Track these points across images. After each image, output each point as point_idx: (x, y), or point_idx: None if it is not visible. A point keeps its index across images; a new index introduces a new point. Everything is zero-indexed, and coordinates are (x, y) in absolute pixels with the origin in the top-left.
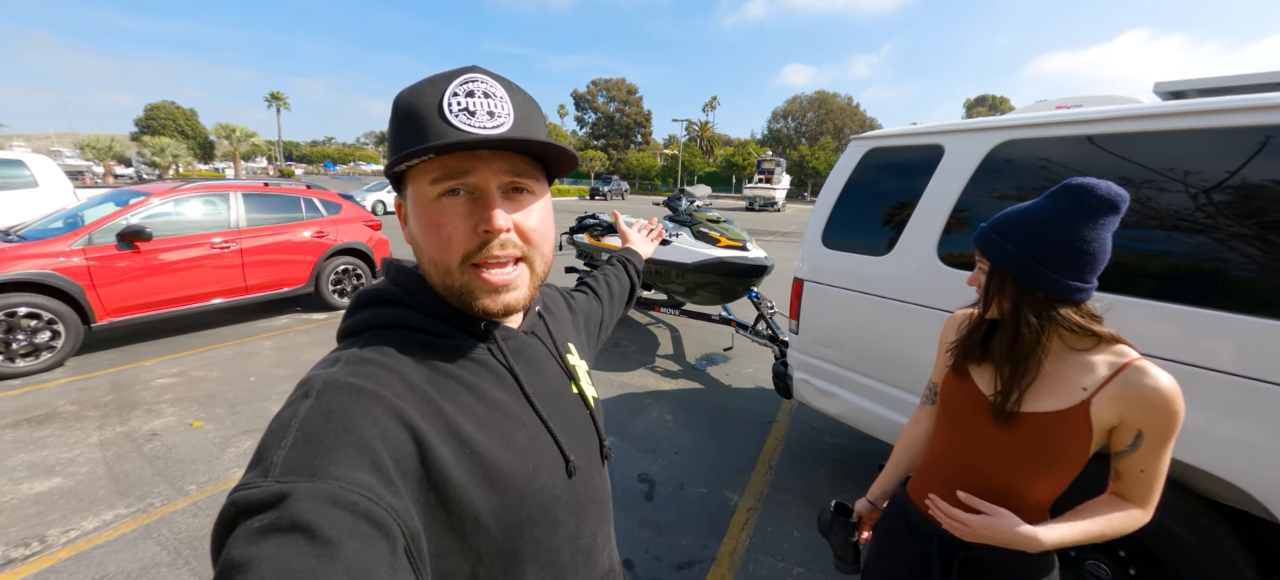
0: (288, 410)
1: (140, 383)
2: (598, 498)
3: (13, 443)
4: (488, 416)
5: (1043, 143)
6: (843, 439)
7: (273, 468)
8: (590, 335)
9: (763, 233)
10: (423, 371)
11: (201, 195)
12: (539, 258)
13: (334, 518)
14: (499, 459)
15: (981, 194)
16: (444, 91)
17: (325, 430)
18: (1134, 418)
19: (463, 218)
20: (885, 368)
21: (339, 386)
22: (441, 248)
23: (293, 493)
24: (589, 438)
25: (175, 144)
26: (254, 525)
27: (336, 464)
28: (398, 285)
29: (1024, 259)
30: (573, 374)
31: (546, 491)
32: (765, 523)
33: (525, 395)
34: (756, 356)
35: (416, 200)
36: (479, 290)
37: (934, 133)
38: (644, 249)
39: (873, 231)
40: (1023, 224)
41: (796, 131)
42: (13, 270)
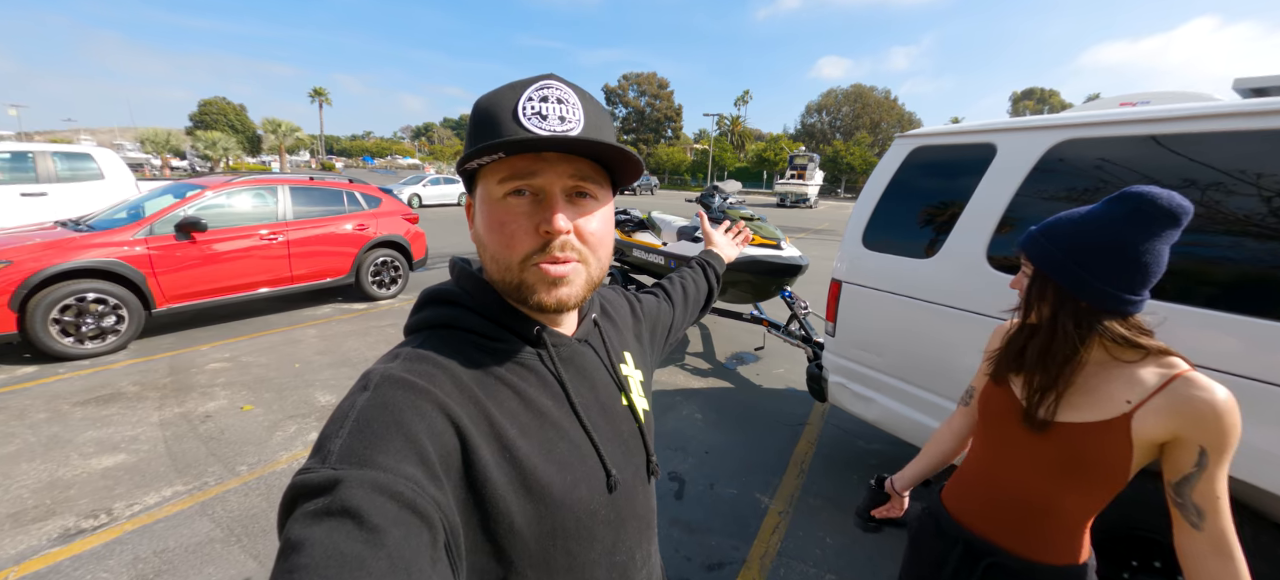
0: (348, 401)
1: (196, 366)
2: (639, 514)
3: (82, 420)
4: (531, 423)
5: (1105, 143)
6: (877, 444)
7: (330, 455)
8: (656, 340)
9: (794, 229)
10: (472, 372)
11: (252, 188)
12: (595, 261)
13: (381, 506)
14: (537, 467)
15: (1036, 196)
16: (520, 96)
17: (378, 422)
18: (1193, 434)
19: (526, 217)
20: (927, 374)
21: (394, 381)
22: (504, 246)
23: (345, 479)
24: (636, 452)
25: (226, 138)
26: (310, 508)
27: (386, 455)
28: (459, 286)
29: (1069, 265)
30: (624, 385)
31: (583, 504)
32: (797, 527)
33: (571, 404)
34: (788, 357)
35: (484, 199)
36: (536, 283)
37: (986, 131)
38: (728, 252)
39: (917, 233)
40: (1073, 230)
41: (831, 126)
42: (82, 258)
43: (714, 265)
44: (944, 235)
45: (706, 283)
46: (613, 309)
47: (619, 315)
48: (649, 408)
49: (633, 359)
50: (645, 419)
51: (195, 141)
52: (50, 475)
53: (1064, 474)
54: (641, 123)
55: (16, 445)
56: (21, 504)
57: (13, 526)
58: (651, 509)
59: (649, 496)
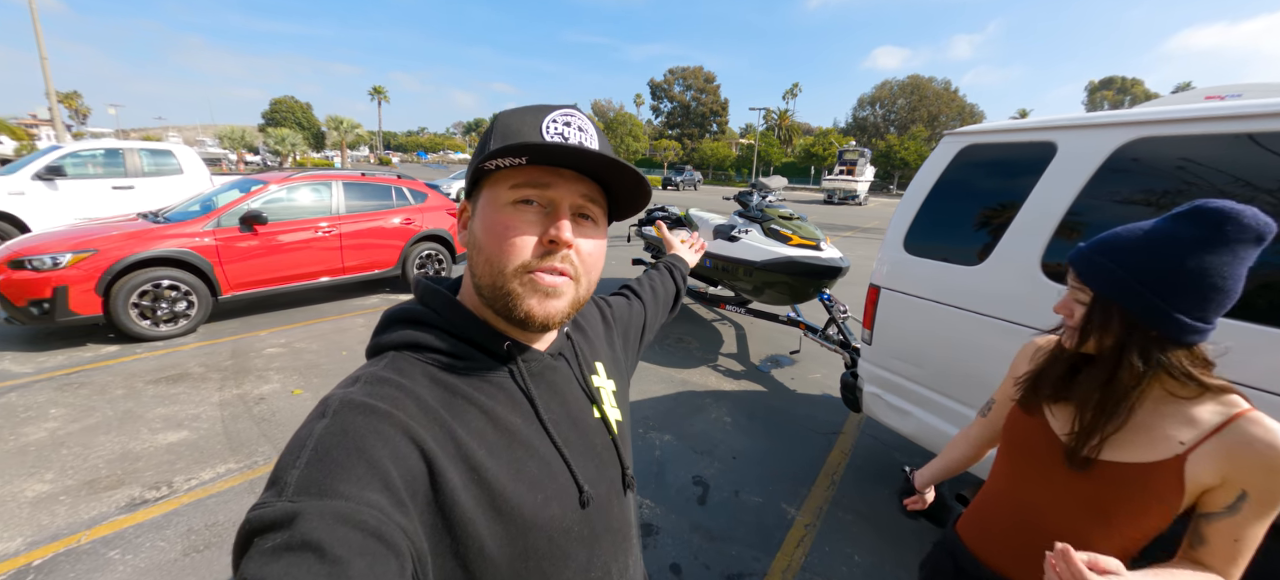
0: (304, 429)
1: (254, 351)
2: (614, 528)
3: (153, 397)
4: (500, 442)
5: (1186, 141)
6: (916, 458)
7: (287, 487)
8: (629, 343)
9: (841, 228)
10: (438, 393)
11: (309, 183)
12: (585, 282)
13: (343, 536)
14: (506, 487)
15: (1101, 199)
16: (545, 117)
17: (338, 450)
18: (1240, 477)
19: (532, 227)
20: (969, 389)
21: (354, 406)
22: (506, 251)
23: (303, 512)
24: (610, 465)
25: (293, 134)
26: (268, 544)
27: (348, 483)
28: (425, 305)
29: (1140, 289)
30: (596, 397)
31: (555, 523)
32: (823, 541)
33: (541, 421)
34: (825, 361)
35: (490, 202)
36: (528, 293)
37: (1045, 128)
38: (688, 258)
39: (964, 237)
40: (1140, 248)
41: (885, 119)
42: (158, 248)
43: (680, 267)
44: (994, 241)
45: (673, 284)
46: (584, 319)
47: (590, 325)
48: (623, 418)
49: (605, 369)
50: (619, 430)
51: (266, 138)
52: (122, 447)
53: (1103, 515)
54: (686, 117)
55: (97, 418)
56: (97, 473)
57: (88, 493)
58: (628, 522)
59: (625, 509)
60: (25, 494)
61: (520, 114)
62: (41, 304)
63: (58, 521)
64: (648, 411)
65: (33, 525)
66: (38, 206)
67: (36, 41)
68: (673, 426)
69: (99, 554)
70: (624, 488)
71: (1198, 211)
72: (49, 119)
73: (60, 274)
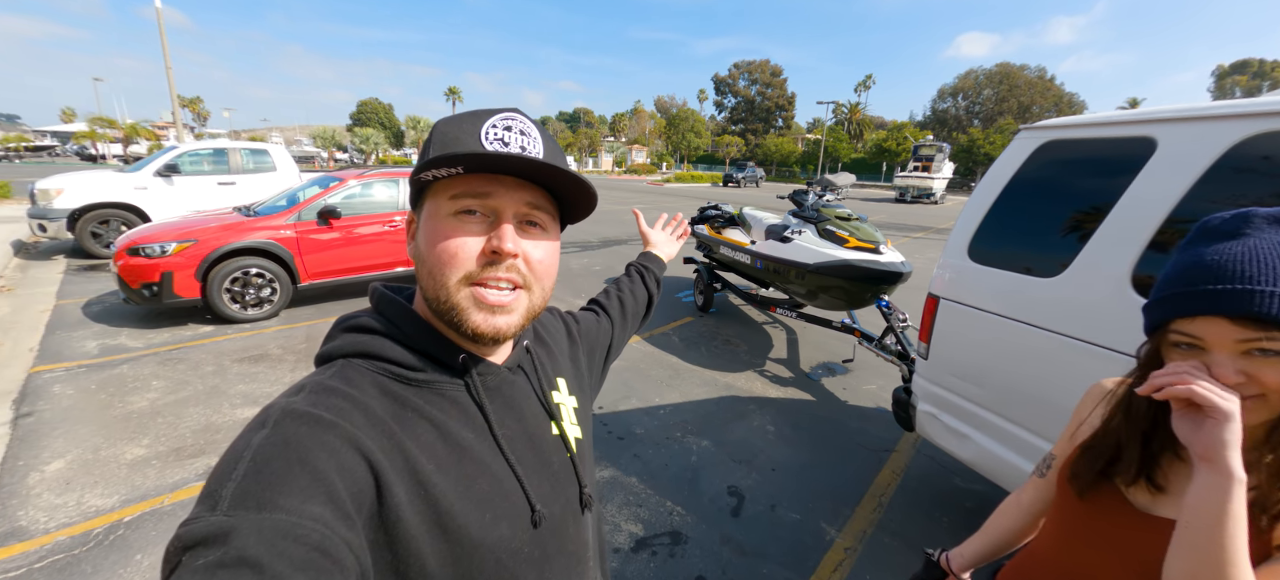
0: (241, 440)
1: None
2: (569, 550)
3: (236, 374)
4: (449, 458)
5: None
6: (978, 485)
7: (221, 501)
8: (594, 361)
9: (911, 228)
10: (388, 404)
11: (381, 180)
12: (538, 290)
13: (284, 551)
14: (453, 506)
15: (1212, 202)
16: (484, 123)
17: (278, 461)
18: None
19: (474, 237)
20: (1038, 416)
21: (297, 416)
22: (446, 262)
23: (238, 528)
24: (567, 484)
25: (376, 134)
26: (199, 562)
27: (288, 496)
28: (379, 313)
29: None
30: (555, 414)
31: (503, 544)
32: (863, 568)
33: (494, 437)
34: (881, 372)
35: (431, 214)
36: (472, 308)
37: (1142, 121)
38: (667, 250)
39: (1040, 245)
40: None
41: (968, 112)
42: (248, 238)
43: (653, 269)
44: (1074, 251)
45: (645, 290)
46: (546, 333)
47: (553, 339)
48: (583, 436)
49: (567, 385)
50: (578, 448)
51: (353, 137)
52: (206, 419)
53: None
54: (751, 112)
55: (188, 391)
56: (183, 441)
57: (175, 459)
58: (585, 542)
59: (583, 529)
60: (125, 456)
61: (458, 122)
62: (151, 287)
63: (148, 483)
64: (686, 415)
65: (128, 485)
66: (157, 200)
67: (163, 52)
68: (711, 432)
69: (177, 516)
70: (582, 507)
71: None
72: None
73: (167, 261)
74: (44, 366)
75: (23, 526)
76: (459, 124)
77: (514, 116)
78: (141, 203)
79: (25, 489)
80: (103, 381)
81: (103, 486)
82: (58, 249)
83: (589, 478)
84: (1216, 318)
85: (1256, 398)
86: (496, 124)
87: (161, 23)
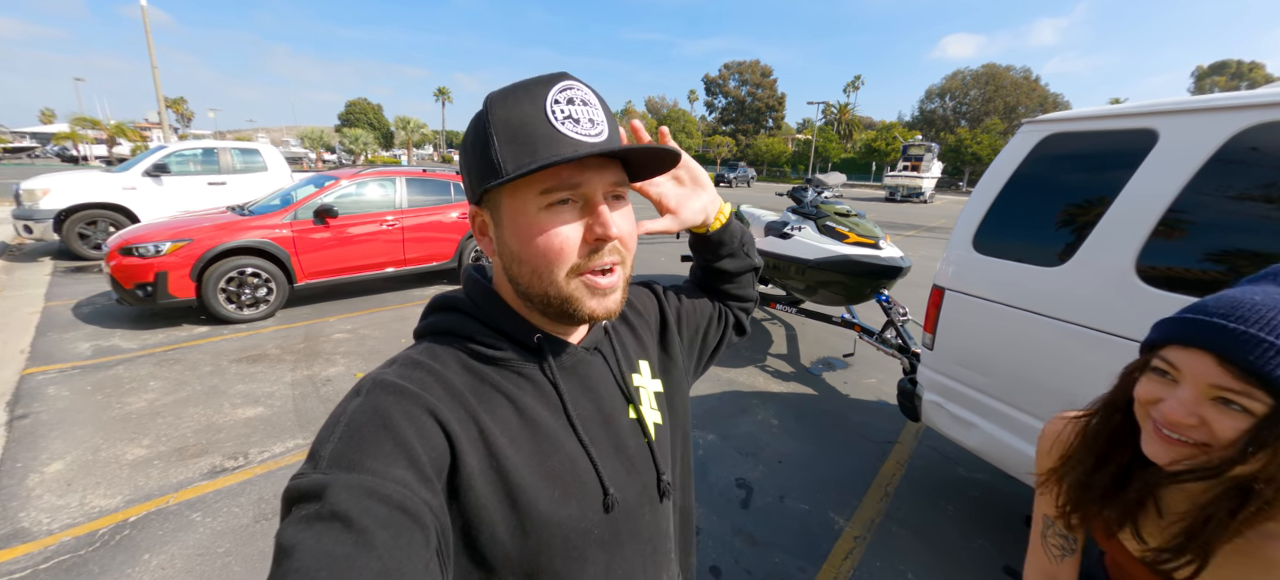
0: (340, 408)
1: (324, 335)
2: (644, 537)
3: (235, 375)
4: (524, 433)
5: None
6: (980, 473)
7: (321, 461)
8: (692, 334)
9: (903, 227)
10: (468, 379)
11: (376, 179)
12: (630, 260)
13: (368, 508)
14: (524, 479)
15: (1210, 194)
16: (545, 100)
17: (367, 427)
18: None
19: (572, 226)
20: (1046, 403)
21: (385, 387)
22: (553, 258)
23: (332, 484)
24: (643, 469)
25: (365, 134)
26: (301, 513)
27: (375, 459)
28: (467, 295)
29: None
30: (633, 397)
31: (571, 523)
32: (874, 556)
33: (568, 417)
34: (881, 366)
35: (518, 211)
36: (586, 296)
37: (1144, 113)
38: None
39: (1043, 236)
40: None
41: (955, 112)
42: (243, 238)
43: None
44: (1078, 241)
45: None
46: (635, 313)
47: (642, 320)
48: (664, 423)
49: (651, 368)
50: (657, 434)
51: (341, 137)
52: (207, 419)
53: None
54: (742, 113)
55: (187, 391)
56: (185, 441)
57: (177, 459)
58: (662, 533)
59: (659, 519)
60: (126, 457)
61: (517, 104)
62: (145, 287)
63: (151, 483)
64: (691, 409)
65: (131, 485)
66: (146, 200)
67: (149, 52)
68: (716, 426)
69: (184, 515)
70: (660, 495)
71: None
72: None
73: (161, 261)
74: (37, 368)
75: (25, 528)
76: (520, 108)
77: (572, 85)
78: (130, 203)
79: (25, 491)
80: (98, 383)
81: (105, 487)
82: (43, 250)
83: (669, 465)
84: (1202, 351)
85: (1197, 445)
86: (560, 100)
87: (147, 21)
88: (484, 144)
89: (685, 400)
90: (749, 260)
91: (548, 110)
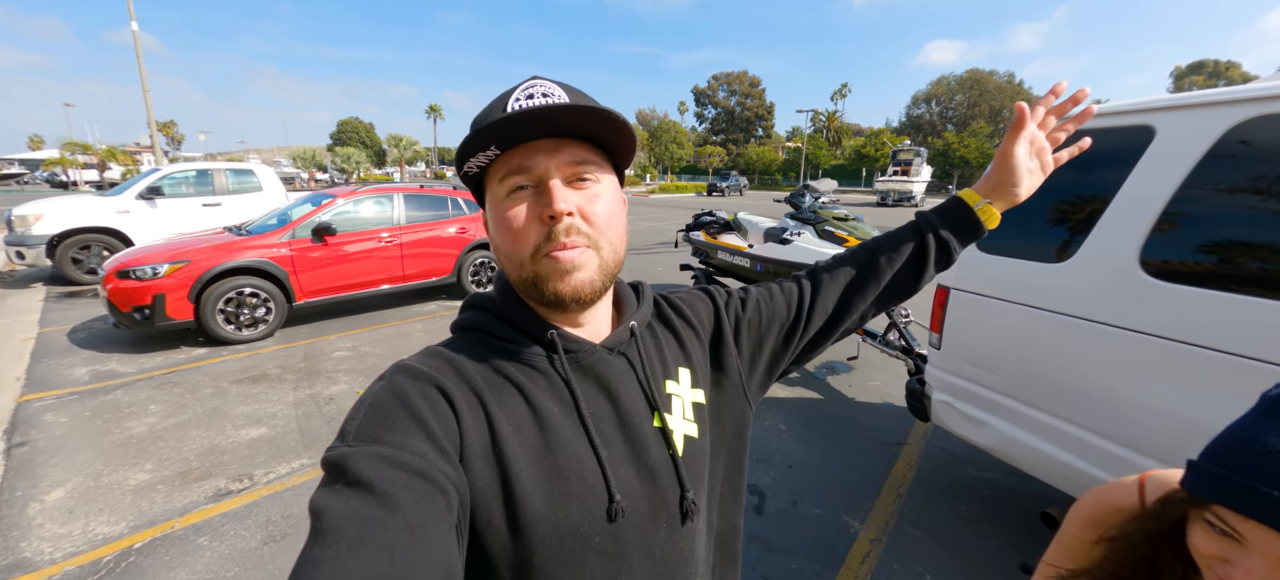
0: (367, 391)
1: (325, 354)
2: (656, 556)
3: (237, 396)
4: (530, 424)
5: None
6: (991, 472)
7: (348, 435)
8: (755, 344)
9: None
10: (482, 369)
11: (373, 196)
12: (607, 245)
13: (389, 475)
14: (521, 469)
15: (1208, 188)
16: (507, 100)
17: (388, 405)
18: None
19: (530, 209)
20: (1056, 398)
21: (404, 370)
22: (515, 242)
23: (355, 455)
24: (665, 483)
25: (358, 153)
26: (331, 482)
27: (394, 432)
28: (495, 293)
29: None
30: (660, 404)
31: (569, 525)
32: (891, 558)
33: (579, 414)
34: (885, 368)
35: (491, 203)
36: (549, 274)
37: (1142, 110)
38: (1013, 189)
39: (1045, 232)
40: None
41: (941, 117)
42: (242, 258)
43: (941, 223)
44: (1081, 236)
45: (911, 251)
46: (681, 318)
47: (689, 324)
48: (698, 436)
49: (692, 377)
50: (686, 447)
51: (334, 156)
52: (210, 442)
53: None
54: (731, 123)
55: (188, 414)
56: (188, 465)
57: (181, 483)
58: (683, 556)
59: (678, 540)
60: (128, 482)
61: (487, 109)
62: (143, 310)
63: (155, 508)
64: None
65: (134, 511)
66: (140, 223)
67: (140, 77)
68: None
69: (190, 540)
70: (682, 514)
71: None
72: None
73: (159, 283)
74: (33, 395)
75: (27, 558)
76: (487, 111)
77: (535, 82)
78: (124, 227)
79: (26, 520)
80: (97, 408)
81: (108, 514)
82: (35, 276)
83: (702, 484)
84: (1267, 527)
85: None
86: (519, 95)
87: (139, 46)
88: (462, 145)
89: (740, 416)
90: None
91: (507, 105)
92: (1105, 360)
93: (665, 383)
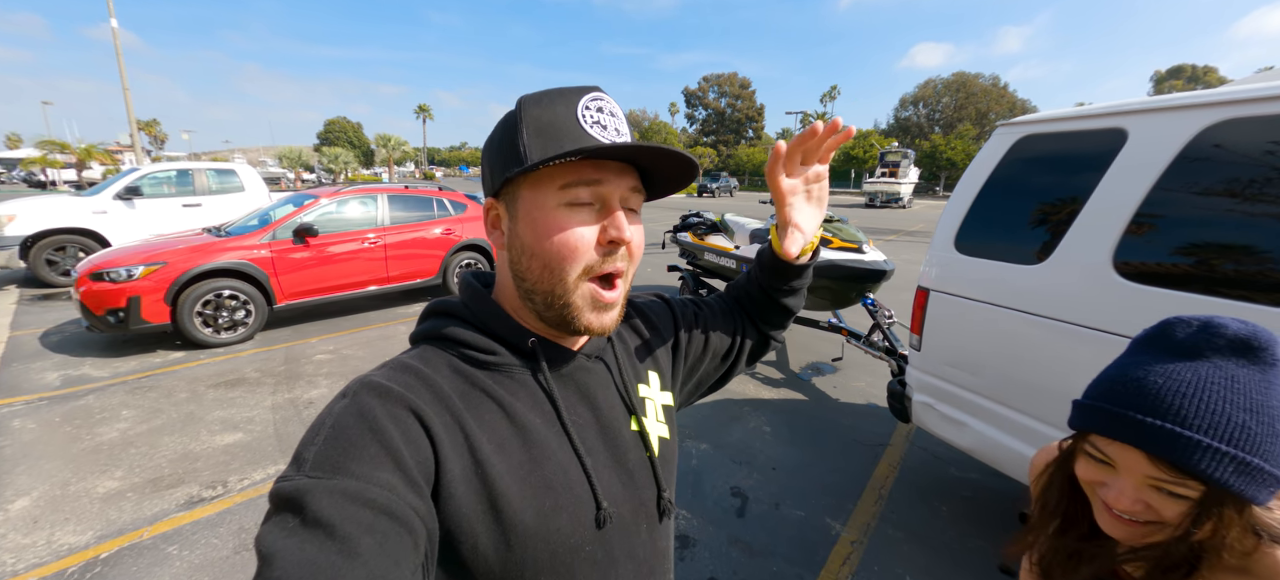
0: (327, 409)
1: (305, 357)
2: (638, 556)
3: (213, 401)
4: (513, 439)
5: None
6: (973, 473)
7: (304, 463)
8: (694, 360)
9: (885, 232)
10: (457, 383)
11: (356, 197)
12: (632, 272)
13: (352, 514)
14: (509, 487)
15: (1180, 190)
16: (577, 104)
17: (352, 429)
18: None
19: (589, 227)
20: (1035, 400)
21: (371, 389)
22: (567, 255)
23: (314, 489)
24: (643, 485)
25: (345, 153)
26: (282, 520)
27: (360, 463)
28: (463, 300)
29: (1264, 469)
30: (637, 408)
31: (560, 536)
32: (872, 560)
33: (562, 424)
34: (869, 369)
35: (536, 205)
36: (587, 308)
37: (1113, 113)
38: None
39: (1022, 235)
40: (1241, 407)
41: (929, 119)
42: (220, 260)
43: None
44: (1057, 238)
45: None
46: (645, 322)
47: (654, 328)
48: (669, 437)
49: (661, 380)
50: (661, 449)
51: (321, 156)
52: (184, 448)
53: None
54: (721, 124)
55: (162, 420)
56: (160, 471)
57: (152, 490)
58: (659, 552)
59: (656, 538)
60: (97, 490)
61: (550, 103)
62: (117, 313)
63: (124, 517)
64: (683, 419)
65: (102, 520)
66: (118, 224)
67: (119, 73)
68: (709, 435)
69: (159, 549)
70: (660, 513)
71: (1244, 343)
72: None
73: (134, 285)
74: (2, 401)
75: None
76: (552, 107)
77: (601, 96)
78: (100, 227)
79: None
80: (67, 413)
81: (74, 523)
82: (8, 278)
83: (668, 482)
84: (1130, 446)
85: (1147, 524)
86: (590, 106)
87: (118, 43)
88: (512, 135)
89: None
90: (803, 300)
91: (578, 112)
92: (1081, 362)
93: (638, 386)
